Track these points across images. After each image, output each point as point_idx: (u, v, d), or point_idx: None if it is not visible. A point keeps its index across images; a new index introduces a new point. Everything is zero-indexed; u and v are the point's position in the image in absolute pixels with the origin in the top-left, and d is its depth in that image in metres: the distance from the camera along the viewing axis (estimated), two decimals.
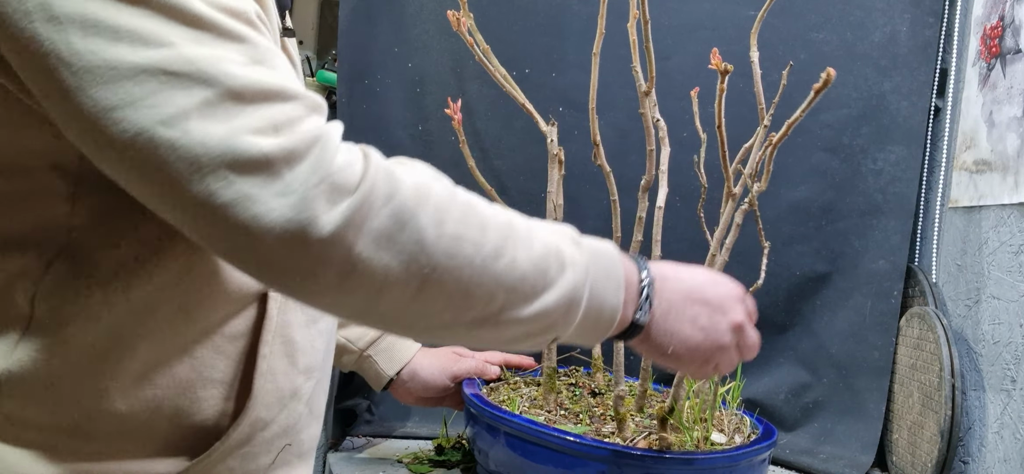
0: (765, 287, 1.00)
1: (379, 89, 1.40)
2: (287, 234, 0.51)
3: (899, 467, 1.27)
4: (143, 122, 0.50)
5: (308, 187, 0.52)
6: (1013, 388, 1.08)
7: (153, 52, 0.51)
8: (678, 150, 1.08)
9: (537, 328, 0.61)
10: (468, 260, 0.57)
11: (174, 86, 0.51)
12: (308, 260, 0.52)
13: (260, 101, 0.53)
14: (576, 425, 0.97)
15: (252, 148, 0.51)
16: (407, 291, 0.55)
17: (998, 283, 1.13)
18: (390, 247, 0.54)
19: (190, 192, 0.51)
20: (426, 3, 1.38)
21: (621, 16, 1.38)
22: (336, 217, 0.52)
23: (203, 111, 0.51)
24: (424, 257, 0.55)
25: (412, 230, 0.55)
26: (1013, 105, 1.13)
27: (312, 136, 0.53)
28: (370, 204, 0.53)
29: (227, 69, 0.52)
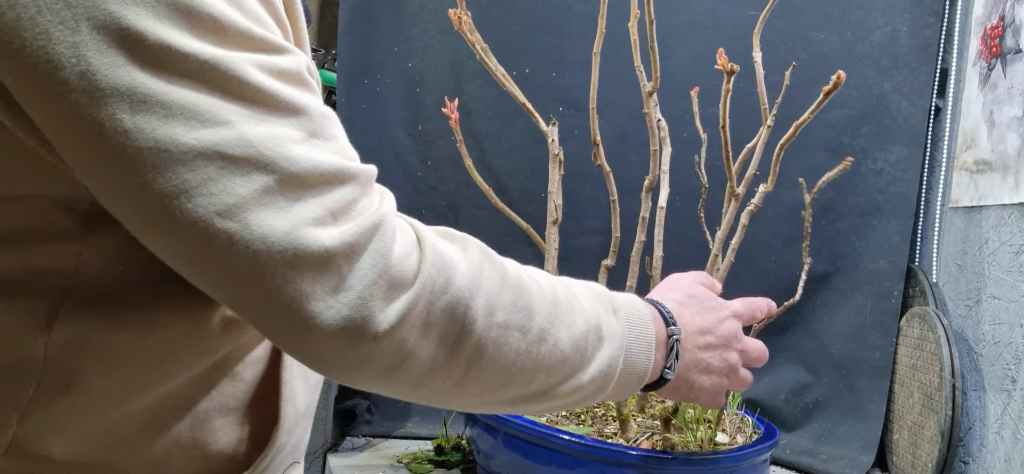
0: (765, 287, 1.00)
1: (379, 89, 1.40)
2: (342, 332, 0.49)
3: (899, 467, 1.27)
4: (199, 213, 0.46)
5: (366, 285, 0.50)
6: (1013, 388, 1.08)
7: (209, 132, 0.46)
8: (679, 150, 1.08)
9: (571, 401, 0.63)
10: (514, 348, 0.57)
11: (232, 172, 0.47)
12: (359, 355, 0.51)
13: (320, 186, 0.50)
14: (578, 426, 0.97)
15: (314, 243, 0.48)
16: (451, 378, 0.55)
17: (998, 283, 1.13)
18: (442, 341, 0.54)
19: (245, 288, 0.48)
20: (426, 3, 1.38)
21: (621, 16, 1.38)
22: (392, 315, 0.51)
23: (263, 200, 0.47)
24: (471, 348, 0.55)
25: (465, 323, 0.54)
26: (1013, 105, 1.13)
27: (371, 224, 0.51)
28: (426, 299, 0.52)
29: (287, 152, 0.49)
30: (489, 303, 0.56)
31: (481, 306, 0.55)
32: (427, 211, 1.40)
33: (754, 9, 1.37)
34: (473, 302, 0.55)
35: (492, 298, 0.56)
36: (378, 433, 1.34)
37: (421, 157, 1.40)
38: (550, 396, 0.61)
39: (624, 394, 0.68)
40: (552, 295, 0.61)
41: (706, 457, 0.89)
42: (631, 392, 0.68)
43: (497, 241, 1.53)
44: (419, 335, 0.52)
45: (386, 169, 1.40)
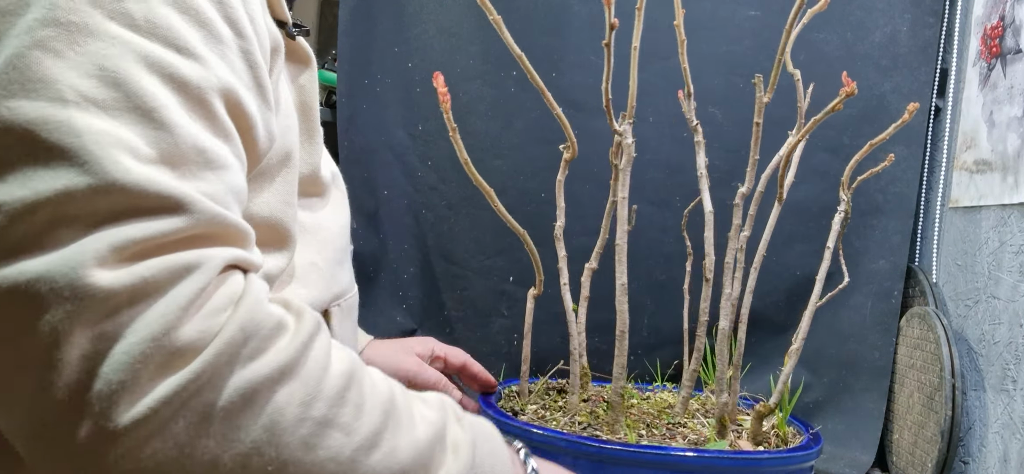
0: (765, 287, 1.00)
1: (379, 89, 1.40)
2: (93, 401, 0.37)
3: (899, 467, 1.27)
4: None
5: (142, 341, 0.38)
6: (1013, 388, 1.08)
7: (30, 105, 0.37)
8: (679, 149, 1.08)
9: None
10: (333, 454, 0.42)
11: (36, 161, 0.37)
12: (109, 449, 0.37)
13: (143, 212, 0.39)
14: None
15: (92, 273, 0.37)
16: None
17: (998, 283, 1.13)
18: (226, 434, 0.39)
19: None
20: (426, 3, 1.38)
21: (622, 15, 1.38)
22: (162, 393, 0.38)
23: (58, 205, 0.37)
24: (271, 449, 0.40)
25: (266, 412, 0.40)
26: (1013, 105, 1.13)
27: (180, 266, 0.39)
28: (216, 373, 0.39)
29: (117, 157, 0.38)
30: (310, 390, 0.42)
31: (298, 393, 0.42)
32: (427, 211, 1.40)
33: (755, 9, 1.37)
34: (285, 385, 0.42)
35: (315, 385, 0.43)
36: None
37: (421, 157, 1.40)
38: None
39: None
40: (389, 395, 0.48)
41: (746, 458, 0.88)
42: None
43: (498, 241, 1.54)
44: (198, 423, 0.38)
45: (386, 169, 1.40)
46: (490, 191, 0.91)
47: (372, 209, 1.40)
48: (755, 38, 1.37)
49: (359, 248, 1.38)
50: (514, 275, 1.39)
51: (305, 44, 0.66)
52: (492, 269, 1.40)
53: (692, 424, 0.99)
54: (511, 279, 1.39)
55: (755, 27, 1.37)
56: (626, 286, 0.93)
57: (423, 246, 1.40)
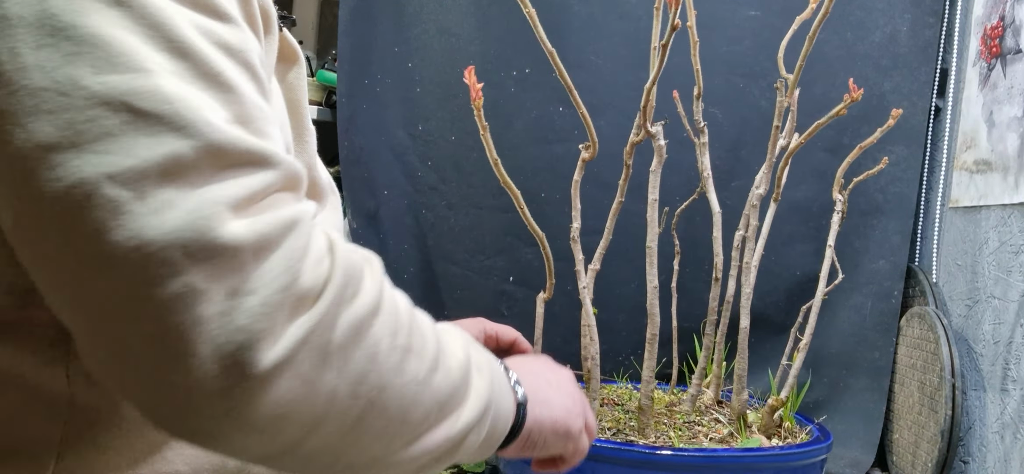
0: (765, 287, 1.00)
1: (379, 89, 1.40)
2: (230, 350, 0.39)
3: (899, 467, 1.27)
4: (86, 172, 0.37)
5: (273, 290, 0.41)
6: (1013, 388, 1.08)
7: (119, 78, 0.39)
8: (679, 149, 1.08)
9: (453, 446, 0.53)
10: (413, 375, 0.48)
11: (138, 129, 0.39)
12: (246, 390, 0.40)
13: (240, 167, 0.41)
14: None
15: (219, 231, 0.39)
16: (346, 419, 0.45)
17: (998, 283, 1.13)
18: (341, 367, 0.44)
19: (116, 276, 0.38)
20: (426, 3, 1.38)
21: (622, 16, 1.38)
22: (295, 333, 0.41)
23: (167, 169, 0.39)
24: (373, 376, 0.46)
25: (368, 343, 0.45)
26: (1013, 105, 1.13)
27: (287, 218, 0.43)
28: (333, 314, 0.43)
29: (209, 118, 0.41)
30: (393, 321, 0.47)
31: (386, 324, 0.47)
32: (427, 211, 1.40)
33: (754, 9, 1.38)
34: (377, 319, 0.46)
35: (393, 315, 0.48)
36: None
37: (421, 157, 1.40)
38: (441, 434, 0.51)
39: (491, 444, 0.58)
40: (430, 322, 0.53)
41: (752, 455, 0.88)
42: (496, 442, 0.59)
43: (498, 241, 1.54)
44: (320, 359, 0.43)
45: (386, 169, 1.40)
46: (517, 193, 0.90)
47: (372, 209, 1.40)
48: (755, 38, 1.37)
49: None
50: (514, 275, 1.39)
51: (292, 40, 0.66)
52: (492, 269, 1.40)
53: (706, 422, 0.99)
54: (511, 279, 1.39)
55: (755, 27, 1.37)
56: (658, 289, 0.93)
57: (423, 246, 1.40)
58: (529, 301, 1.25)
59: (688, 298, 1.20)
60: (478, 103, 0.85)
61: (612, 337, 1.34)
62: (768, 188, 0.98)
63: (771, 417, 0.95)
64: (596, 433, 0.79)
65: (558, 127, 1.38)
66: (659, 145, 0.90)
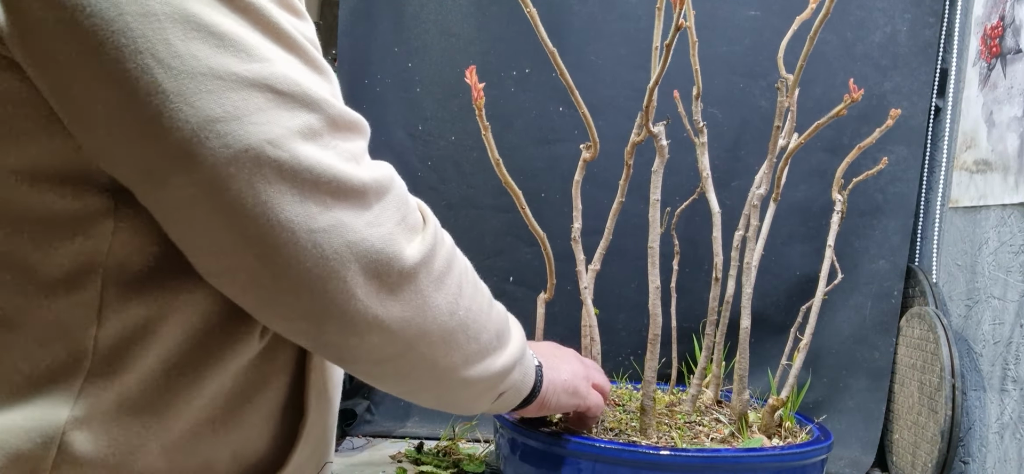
0: (765, 287, 1.00)
1: (379, 89, 1.40)
2: (373, 265, 0.51)
3: (899, 467, 1.27)
4: (250, 139, 0.46)
5: (395, 222, 0.53)
6: (1013, 388, 1.08)
7: (258, 66, 0.48)
8: (679, 150, 1.08)
9: (503, 375, 0.67)
10: (479, 305, 0.62)
11: (280, 105, 0.48)
12: (383, 295, 0.52)
13: (346, 132, 0.52)
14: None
15: (349, 176, 0.50)
16: (445, 329, 0.58)
17: (998, 283, 1.13)
18: (443, 288, 0.57)
19: (283, 217, 0.48)
20: (426, 3, 1.38)
21: (622, 16, 1.38)
22: (414, 254, 0.54)
23: (307, 135, 0.49)
24: (462, 298, 0.59)
25: (456, 272, 0.59)
26: (1013, 105, 1.13)
27: (386, 169, 0.54)
28: (435, 243, 0.56)
29: (325, 95, 0.51)
30: (464, 262, 0.61)
31: (459, 259, 0.60)
32: None
33: (754, 9, 1.38)
34: (455, 255, 0.59)
35: (463, 257, 0.61)
36: (378, 433, 1.34)
37: (421, 157, 1.40)
38: (493, 362, 0.64)
39: (519, 392, 0.71)
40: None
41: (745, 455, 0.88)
42: (524, 391, 0.72)
43: (498, 241, 1.54)
44: (431, 280, 0.55)
45: None
46: (518, 193, 0.90)
47: None
48: (755, 38, 1.37)
49: None
50: (514, 275, 1.39)
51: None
52: (492, 269, 1.40)
53: (707, 422, 0.99)
54: (511, 279, 1.39)
55: (755, 27, 1.37)
56: (659, 289, 0.93)
57: None
58: (529, 301, 1.25)
59: (688, 298, 1.20)
60: (480, 103, 0.86)
61: (612, 337, 1.34)
62: (768, 188, 0.98)
63: (771, 417, 0.95)
64: (610, 390, 0.89)
65: (558, 127, 1.38)
66: (661, 145, 0.90)
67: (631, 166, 0.95)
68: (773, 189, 0.99)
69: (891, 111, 0.95)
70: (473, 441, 1.28)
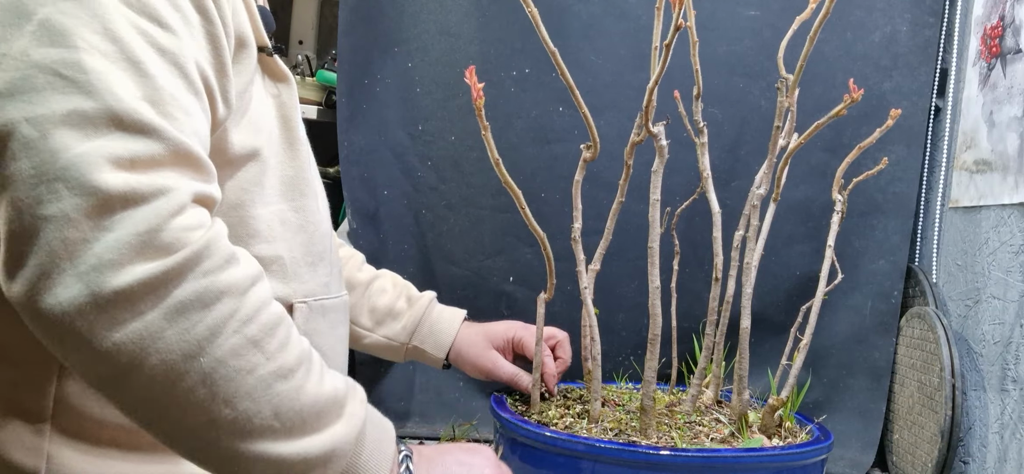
0: (765, 287, 1.00)
1: (379, 89, 1.40)
2: (84, 270, 0.49)
3: (899, 467, 1.27)
4: (12, 115, 0.50)
5: (129, 233, 0.50)
6: (1013, 388, 1.08)
7: (55, 51, 0.51)
8: (679, 150, 1.08)
9: (289, 467, 0.57)
10: (252, 368, 0.54)
11: (56, 88, 0.50)
12: (88, 307, 0.49)
13: (133, 133, 0.52)
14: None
15: (97, 173, 0.49)
16: (174, 372, 0.51)
17: (998, 283, 1.13)
18: (180, 325, 0.51)
19: (15, 195, 0.49)
20: (426, 3, 1.38)
21: (622, 16, 1.38)
22: (139, 273, 0.50)
23: (70, 121, 0.50)
24: (211, 348, 0.52)
25: (219, 322, 0.53)
26: (1013, 105, 1.13)
27: (160, 187, 0.52)
28: (182, 273, 0.51)
29: (115, 90, 0.52)
30: (249, 312, 0.55)
31: (239, 310, 0.54)
32: (427, 211, 1.40)
33: (754, 9, 1.37)
34: (230, 300, 0.54)
35: (253, 309, 0.55)
36: None
37: (421, 157, 1.40)
38: (270, 448, 0.55)
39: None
40: (308, 350, 0.60)
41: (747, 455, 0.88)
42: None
43: (498, 241, 1.54)
44: (160, 306, 0.51)
45: (386, 169, 1.40)
46: (518, 193, 0.89)
47: (372, 209, 1.40)
48: (755, 38, 1.37)
49: (359, 248, 1.38)
50: (514, 275, 1.39)
51: (281, 64, 0.77)
52: (492, 269, 1.40)
53: (707, 422, 0.99)
54: (511, 279, 1.39)
55: (755, 27, 1.37)
56: (659, 289, 0.92)
57: (423, 246, 1.40)
58: (529, 301, 1.25)
59: (688, 298, 1.20)
60: (479, 103, 0.85)
61: (612, 337, 1.34)
62: (768, 188, 0.98)
63: (771, 417, 0.95)
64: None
65: (558, 127, 1.38)
66: (661, 145, 0.90)
67: (631, 166, 0.95)
68: (773, 189, 0.99)
69: (891, 111, 0.95)
70: (473, 442, 1.28)
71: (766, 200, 0.99)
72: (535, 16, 0.80)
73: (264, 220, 0.71)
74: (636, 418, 0.96)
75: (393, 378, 1.41)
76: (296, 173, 0.76)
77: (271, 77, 0.76)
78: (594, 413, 0.96)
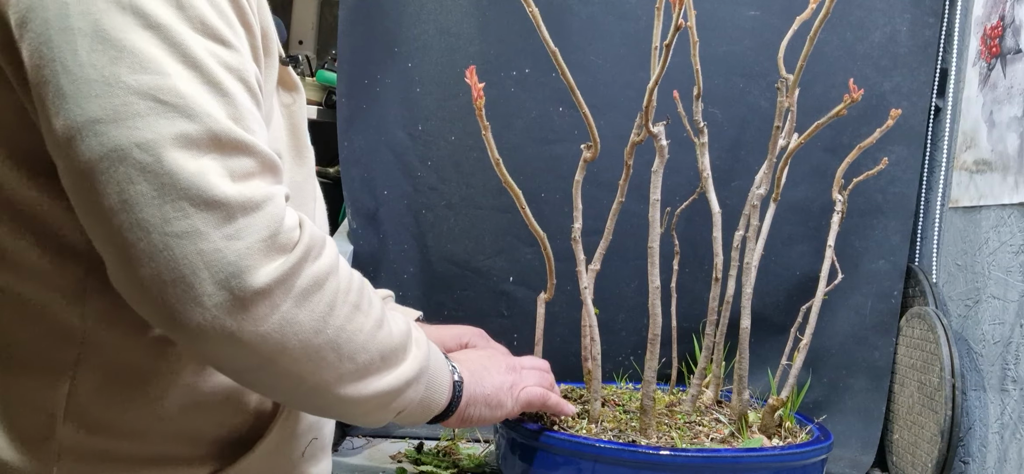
0: (765, 287, 1.00)
1: (379, 89, 1.40)
2: (223, 277, 0.53)
3: (899, 467, 1.27)
4: (121, 140, 0.52)
5: (256, 239, 0.55)
6: (1013, 388, 1.08)
7: (148, 78, 0.53)
8: (679, 150, 1.08)
9: (393, 396, 0.68)
10: (360, 325, 0.63)
11: (159, 114, 0.53)
12: (232, 309, 0.54)
13: (230, 149, 0.56)
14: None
15: (215, 189, 0.53)
16: (309, 348, 0.59)
17: (998, 283, 1.13)
18: (307, 306, 0.58)
19: (140, 216, 0.52)
20: (426, 3, 1.38)
21: (622, 16, 1.38)
22: (272, 272, 0.55)
23: (179, 142, 0.53)
24: (332, 318, 0.60)
25: (328, 292, 0.60)
26: (1013, 105, 1.13)
27: (266, 194, 0.57)
28: (300, 263, 0.58)
29: (211, 111, 0.55)
30: (345, 284, 0.63)
31: (341, 283, 0.62)
32: (427, 211, 1.40)
33: (754, 9, 1.37)
34: (334, 278, 0.61)
35: (347, 280, 0.64)
36: (378, 433, 1.34)
37: (421, 157, 1.40)
38: (380, 382, 0.66)
39: (428, 407, 0.73)
40: (376, 297, 0.69)
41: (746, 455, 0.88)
42: (434, 407, 0.74)
43: (498, 241, 1.53)
44: (291, 296, 0.57)
45: (386, 169, 1.40)
46: (518, 193, 0.90)
47: (372, 209, 1.40)
48: (755, 38, 1.37)
49: (359, 248, 1.38)
50: (513, 275, 1.39)
51: (293, 73, 0.80)
52: (492, 269, 1.40)
53: (707, 422, 0.99)
54: (511, 279, 1.39)
55: (755, 27, 1.37)
56: (659, 289, 0.92)
57: (423, 246, 1.40)
58: (529, 301, 1.25)
59: (688, 298, 1.20)
60: (479, 103, 0.86)
61: (611, 337, 1.34)
62: (768, 188, 0.99)
63: (771, 417, 0.95)
64: (551, 383, 0.92)
65: (558, 127, 1.38)
66: (661, 145, 0.90)
67: (631, 166, 0.95)
68: (773, 189, 0.99)
69: (891, 111, 0.95)
70: (473, 441, 1.28)
71: (766, 200, 0.99)
72: (536, 16, 0.81)
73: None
74: (636, 418, 0.96)
75: None
76: (302, 181, 0.79)
77: (284, 87, 0.79)
78: (594, 413, 0.96)
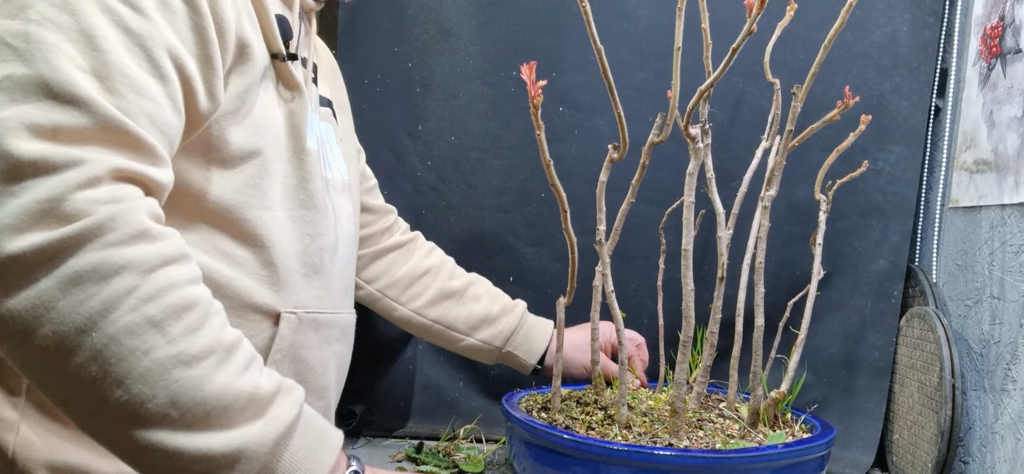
0: (765, 287, 1.00)
1: (379, 89, 1.40)
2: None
3: (899, 467, 1.27)
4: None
5: (29, 200, 0.49)
6: (1013, 388, 1.08)
7: (11, 23, 0.52)
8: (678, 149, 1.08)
9: (186, 465, 0.53)
10: (147, 350, 0.51)
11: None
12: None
13: (60, 102, 0.51)
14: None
15: (6, 140, 0.49)
16: (66, 345, 0.49)
17: (998, 283, 1.13)
18: (74, 296, 0.49)
19: None
20: (426, 3, 1.38)
21: (622, 16, 1.38)
22: (34, 240, 0.49)
23: (2, 85, 0.50)
24: (104, 324, 0.50)
25: (117, 298, 0.50)
26: (1013, 105, 1.13)
27: (77, 157, 0.51)
28: (79, 243, 0.50)
29: (54, 60, 0.51)
30: (151, 291, 0.52)
31: (140, 288, 0.51)
32: (427, 211, 1.40)
33: None
34: (130, 276, 0.51)
35: (157, 291, 0.52)
36: (378, 433, 1.34)
37: (421, 157, 1.40)
38: (171, 448, 0.51)
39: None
40: (236, 341, 0.56)
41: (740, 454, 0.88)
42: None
43: (498, 241, 1.54)
44: (53, 274, 0.49)
45: (386, 169, 1.40)
46: (563, 197, 0.87)
47: None
48: (755, 38, 1.36)
49: None
50: (514, 275, 1.39)
51: (297, 74, 0.77)
52: (492, 269, 1.39)
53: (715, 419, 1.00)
54: (511, 279, 1.39)
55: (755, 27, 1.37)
56: (693, 291, 0.92)
57: None
58: (529, 301, 1.25)
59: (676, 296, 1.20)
60: (537, 101, 0.80)
61: None
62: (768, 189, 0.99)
63: (773, 410, 0.95)
64: None
65: (558, 127, 1.38)
66: (698, 148, 0.90)
67: (646, 166, 0.94)
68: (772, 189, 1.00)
69: (862, 117, 0.97)
70: (474, 441, 1.28)
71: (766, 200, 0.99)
72: (587, 12, 0.77)
73: (260, 223, 0.72)
74: (657, 421, 0.96)
75: (393, 378, 1.41)
76: (298, 183, 0.76)
77: (285, 86, 0.76)
78: (621, 418, 0.95)
